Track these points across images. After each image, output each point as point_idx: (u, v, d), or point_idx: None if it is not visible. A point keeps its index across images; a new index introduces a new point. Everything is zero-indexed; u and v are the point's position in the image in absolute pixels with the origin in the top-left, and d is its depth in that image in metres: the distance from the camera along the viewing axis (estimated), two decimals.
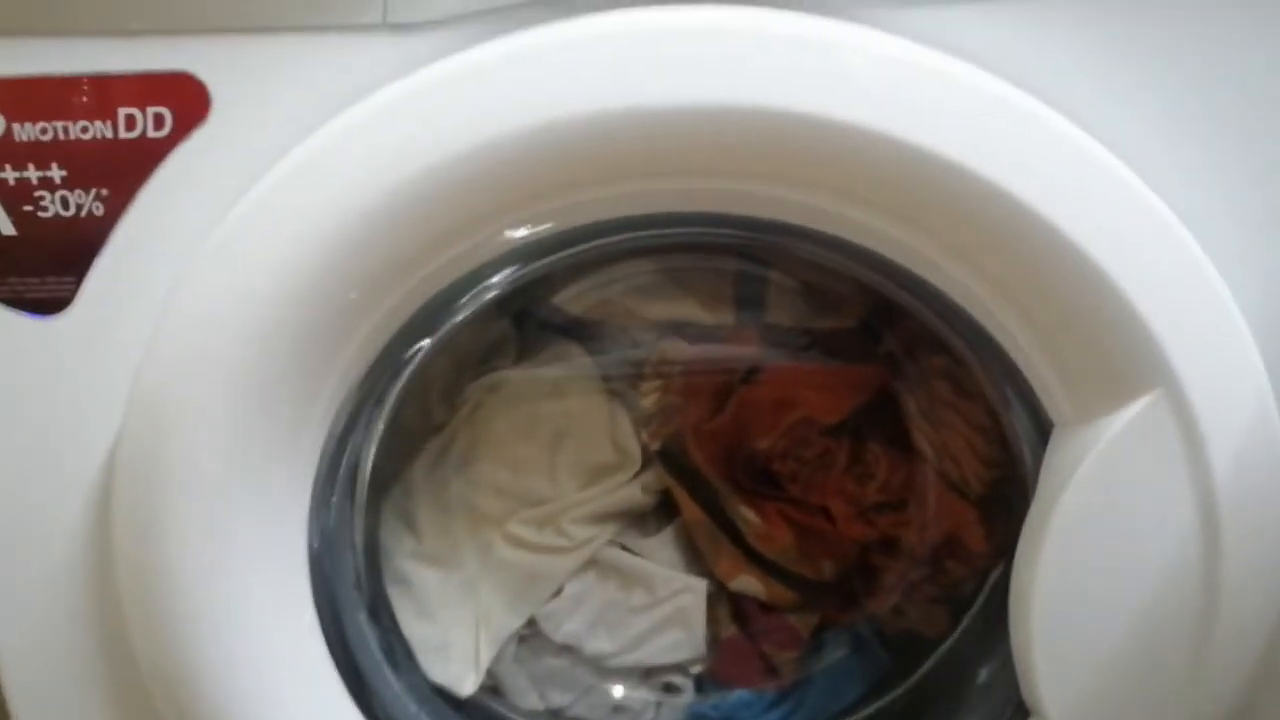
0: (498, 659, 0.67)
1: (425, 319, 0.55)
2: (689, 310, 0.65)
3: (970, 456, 0.63)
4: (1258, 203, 0.50)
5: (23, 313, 0.53)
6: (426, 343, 0.58)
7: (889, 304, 0.58)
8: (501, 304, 0.61)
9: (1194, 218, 0.48)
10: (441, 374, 0.66)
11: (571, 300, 0.65)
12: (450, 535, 0.67)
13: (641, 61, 0.47)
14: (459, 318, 0.57)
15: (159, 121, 0.50)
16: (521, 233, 0.51)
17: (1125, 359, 0.48)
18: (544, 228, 0.52)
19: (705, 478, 0.66)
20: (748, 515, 0.67)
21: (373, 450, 0.62)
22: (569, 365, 0.66)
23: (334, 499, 0.59)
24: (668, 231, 0.57)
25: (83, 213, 0.51)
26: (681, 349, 0.65)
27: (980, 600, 0.66)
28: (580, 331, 0.67)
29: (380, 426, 0.61)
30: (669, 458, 0.67)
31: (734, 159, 0.48)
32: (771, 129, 0.47)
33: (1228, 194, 0.50)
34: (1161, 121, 0.49)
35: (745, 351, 0.66)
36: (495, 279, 0.56)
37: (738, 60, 0.47)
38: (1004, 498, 0.61)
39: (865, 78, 0.47)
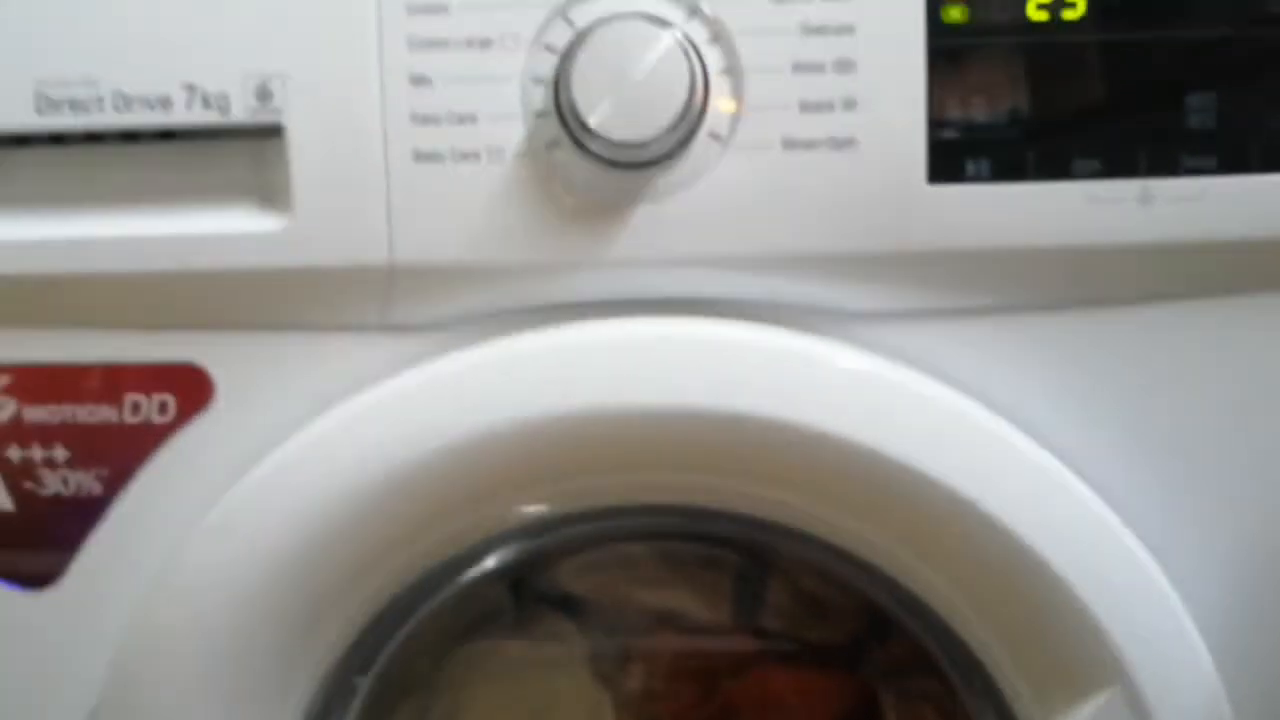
0: None
1: (416, 595, 0.57)
2: (685, 602, 0.66)
3: None
4: (1206, 514, 0.53)
5: (12, 585, 0.54)
6: (412, 621, 0.59)
7: (883, 622, 0.59)
8: (501, 572, 0.62)
9: (1144, 526, 0.51)
10: (429, 634, 0.67)
11: (569, 576, 0.66)
12: None
13: (626, 366, 0.50)
14: (444, 595, 0.59)
15: (163, 408, 0.53)
16: (512, 516, 0.54)
17: (1082, 658, 0.50)
18: (536, 511, 0.54)
19: None
20: None
21: None
22: (559, 642, 0.67)
23: None
24: (667, 520, 0.59)
25: (81, 491, 0.53)
26: (672, 640, 0.66)
27: None
28: (575, 607, 0.67)
29: (357, 705, 0.61)
30: None
31: (714, 459, 0.51)
32: (750, 433, 0.50)
33: (1178, 508, 0.53)
34: (1121, 441, 0.52)
35: (735, 650, 0.67)
36: (491, 558, 0.58)
37: (717, 368, 0.50)
38: None
39: (841, 389, 0.50)
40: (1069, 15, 0.48)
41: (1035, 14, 0.48)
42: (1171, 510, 0.52)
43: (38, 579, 0.54)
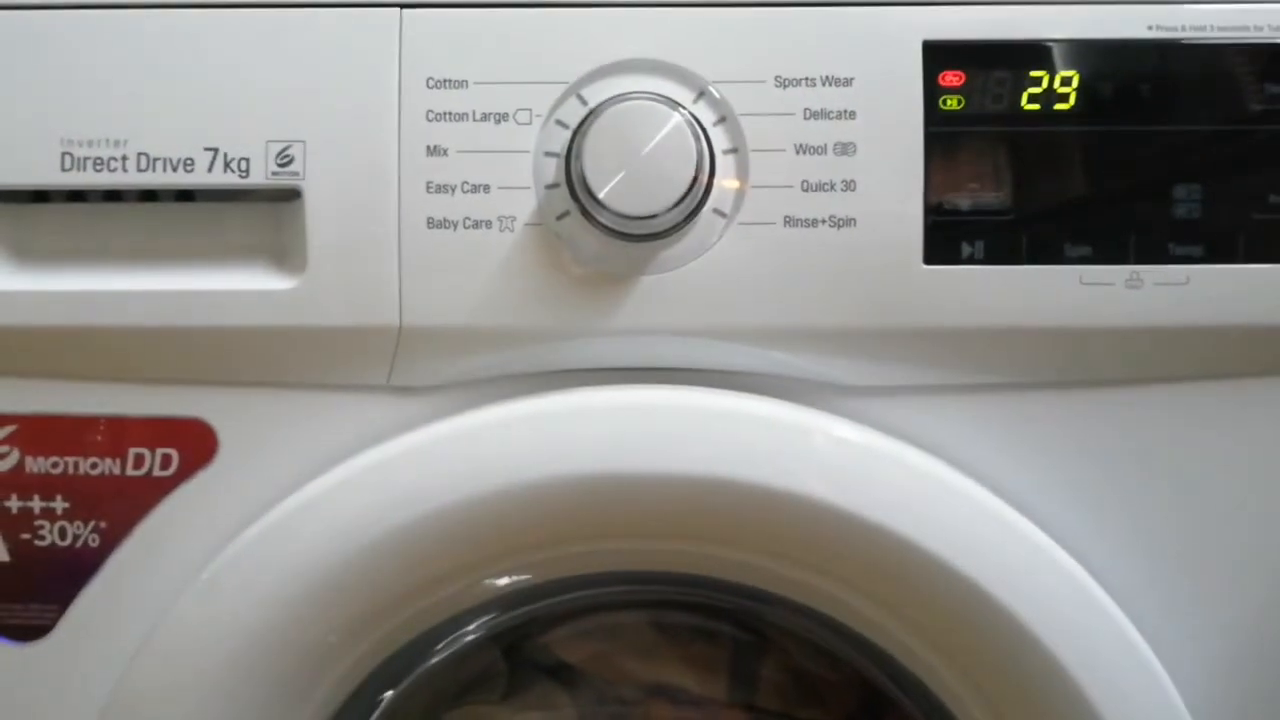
0: None
1: (405, 659, 0.56)
2: (680, 676, 0.65)
3: None
4: (1195, 591, 0.54)
5: (1, 638, 0.54)
6: (405, 683, 0.59)
7: (878, 702, 0.59)
8: (495, 636, 0.62)
9: (1134, 604, 0.52)
10: (422, 697, 0.66)
11: (564, 643, 0.66)
12: None
13: (623, 433, 0.51)
14: (436, 660, 0.59)
15: (166, 461, 0.53)
16: (504, 581, 0.54)
17: None
18: (524, 579, 0.55)
19: None
20: None
21: None
22: (551, 710, 0.66)
23: None
24: (663, 588, 0.59)
25: (78, 543, 0.53)
26: (664, 712, 0.65)
27: None
28: (568, 676, 0.67)
29: None
30: None
31: (709, 525, 0.52)
32: (745, 500, 0.50)
33: (1167, 586, 0.53)
34: (1110, 518, 0.53)
35: None
36: (474, 625, 0.58)
37: (712, 436, 0.51)
38: None
39: (834, 459, 0.51)
40: (1060, 107, 0.51)
41: (1028, 105, 0.51)
42: (1160, 588, 0.53)
43: (28, 631, 0.54)
